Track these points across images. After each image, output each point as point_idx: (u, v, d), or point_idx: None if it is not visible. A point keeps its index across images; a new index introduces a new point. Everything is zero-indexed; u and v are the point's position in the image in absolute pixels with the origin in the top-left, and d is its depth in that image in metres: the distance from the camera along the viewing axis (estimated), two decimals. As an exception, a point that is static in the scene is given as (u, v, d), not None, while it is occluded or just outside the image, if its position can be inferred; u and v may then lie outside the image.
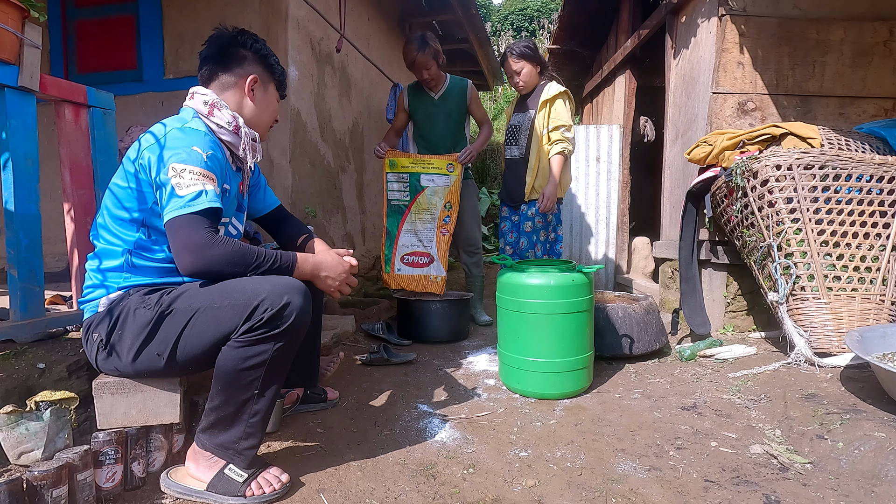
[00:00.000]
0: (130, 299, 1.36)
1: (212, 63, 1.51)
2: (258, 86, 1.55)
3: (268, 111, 1.60)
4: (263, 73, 1.56)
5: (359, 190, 4.59)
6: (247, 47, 1.53)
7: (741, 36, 2.85)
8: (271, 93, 1.60)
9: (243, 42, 1.52)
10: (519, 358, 2.07)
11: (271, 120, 1.64)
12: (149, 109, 3.36)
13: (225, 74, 1.51)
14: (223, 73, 1.51)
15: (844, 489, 1.35)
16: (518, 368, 2.08)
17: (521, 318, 2.06)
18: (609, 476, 1.46)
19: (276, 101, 1.63)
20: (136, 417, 1.40)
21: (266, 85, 1.58)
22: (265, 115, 1.60)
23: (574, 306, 2.02)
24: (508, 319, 2.12)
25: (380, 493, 1.38)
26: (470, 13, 5.36)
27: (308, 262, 1.46)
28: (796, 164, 2.16)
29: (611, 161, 4.43)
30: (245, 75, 1.52)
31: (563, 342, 2.02)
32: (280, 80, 1.62)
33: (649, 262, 4.31)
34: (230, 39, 1.52)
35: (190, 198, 1.28)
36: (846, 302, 2.13)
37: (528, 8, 19.02)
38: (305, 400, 1.92)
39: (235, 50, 1.51)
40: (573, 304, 2.02)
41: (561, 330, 2.01)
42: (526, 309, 2.04)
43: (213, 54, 1.51)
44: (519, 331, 2.07)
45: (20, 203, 1.48)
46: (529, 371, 2.05)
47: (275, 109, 1.63)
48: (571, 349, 2.04)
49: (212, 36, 1.53)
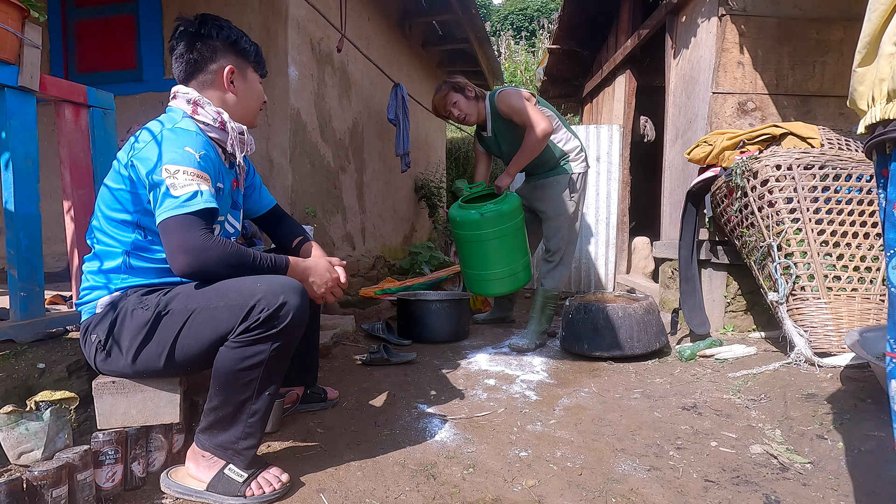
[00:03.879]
0: (128, 300, 1.36)
1: (184, 62, 1.47)
2: (237, 76, 1.51)
3: (252, 98, 1.57)
4: (237, 59, 1.51)
5: (359, 190, 4.59)
6: (213, 37, 1.47)
7: (741, 36, 2.85)
8: (252, 79, 1.56)
9: (209, 33, 1.47)
10: (482, 272, 2.89)
11: (258, 105, 1.60)
12: (149, 109, 3.36)
13: (201, 73, 1.47)
14: (198, 73, 1.47)
15: (844, 489, 1.35)
16: (482, 280, 2.91)
17: (480, 244, 2.81)
18: (609, 476, 1.46)
19: (258, 85, 1.59)
20: (136, 417, 1.40)
21: (244, 72, 1.54)
22: (251, 103, 1.57)
23: (515, 226, 2.81)
24: (470, 247, 2.86)
25: (380, 493, 1.38)
26: (470, 13, 5.36)
27: (299, 267, 1.46)
28: (796, 164, 2.16)
29: (611, 161, 4.43)
30: (220, 69, 1.48)
31: (511, 253, 2.84)
32: (257, 61, 1.57)
33: (649, 262, 4.31)
34: (195, 34, 1.46)
35: (185, 198, 1.27)
36: (846, 302, 2.13)
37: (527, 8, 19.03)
38: (305, 400, 1.92)
39: (203, 43, 1.46)
40: (515, 224, 2.81)
41: (509, 244, 2.82)
42: (483, 237, 2.79)
43: (183, 52, 1.46)
44: (480, 252, 2.83)
45: (20, 203, 1.48)
46: (491, 280, 2.89)
47: (259, 93, 1.60)
48: (518, 257, 2.87)
49: (177, 33, 1.47)
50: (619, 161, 4.43)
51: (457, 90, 2.93)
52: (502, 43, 15.40)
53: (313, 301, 1.53)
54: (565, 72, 6.35)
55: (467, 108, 2.94)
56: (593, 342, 2.58)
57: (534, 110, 2.75)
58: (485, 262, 2.86)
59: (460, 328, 3.07)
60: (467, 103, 2.94)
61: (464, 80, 2.98)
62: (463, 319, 3.09)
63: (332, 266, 1.56)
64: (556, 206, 2.96)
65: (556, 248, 2.97)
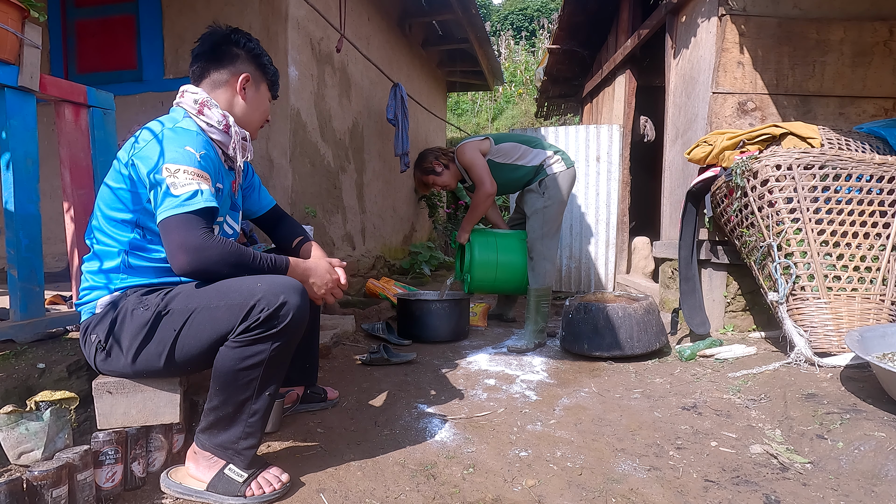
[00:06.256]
0: (128, 300, 1.36)
1: (203, 60, 1.50)
2: (250, 84, 1.54)
3: (259, 110, 1.59)
4: (256, 72, 1.55)
5: (359, 190, 4.59)
6: (240, 46, 1.52)
7: (741, 36, 2.85)
8: (263, 92, 1.59)
9: (236, 41, 1.51)
10: (487, 286, 3.21)
11: (262, 119, 1.62)
12: (149, 109, 3.36)
13: (216, 72, 1.50)
14: (214, 71, 1.50)
15: (844, 489, 1.35)
16: (489, 287, 3.22)
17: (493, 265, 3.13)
18: (609, 476, 1.46)
19: (267, 102, 1.62)
20: (136, 417, 1.40)
21: (258, 84, 1.57)
22: (256, 115, 1.59)
23: (519, 250, 3.14)
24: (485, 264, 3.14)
25: (380, 492, 1.38)
26: (470, 13, 5.36)
27: (299, 267, 1.47)
28: (796, 164, 2.16)
29: (611, 161, 4.43)
30: (237, 74, 1.51)
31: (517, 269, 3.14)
32: (272, 81, 1.61)
33: (649, 262, 4.31)
34: (223, 37, 1.51)
35: (185, 197, 1.27)
36: (846, 302, 2.13)
37: (527, 8, 19.04)
38: (305, 399, 1.92)
39: (228, 48, 1.51)
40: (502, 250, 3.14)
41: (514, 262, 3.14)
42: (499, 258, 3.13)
43: (206, 52, 1.50)
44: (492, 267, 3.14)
45: (20, 203, 1.48)
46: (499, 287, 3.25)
47: (266, 109, 1.62)
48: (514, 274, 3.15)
49: (205, 34, 1.52)
50: (619, 161, 4.43)
51: (427, 173, 3.17)
52: (502, 43, 15.41)
53: (313, 301, 1.53)
54: (565, 72, 6.35)
55: (445, 180, 3.18)
56: (593, 342, 2.58)
57: (482, 170, 2.98)
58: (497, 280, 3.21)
59: (460, 328, 3.07)
60: (442, 177, 3.16)
61: (430, 159, 3.14)
62: (463, 319, 3.10)
63: (333, 267, 1.56)
64: (531, 205, 3.07)
65: (532, 244, 3.04)
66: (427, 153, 3.18)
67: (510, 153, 3.04)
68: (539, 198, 3.02)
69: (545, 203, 3.01)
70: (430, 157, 3.15)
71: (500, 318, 3.65)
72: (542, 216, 3.01)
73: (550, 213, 3.00)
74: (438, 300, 3.04)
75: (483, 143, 3.04)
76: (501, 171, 3.04)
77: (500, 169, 3.03)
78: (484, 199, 2.99)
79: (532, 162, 3.05)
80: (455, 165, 3.14)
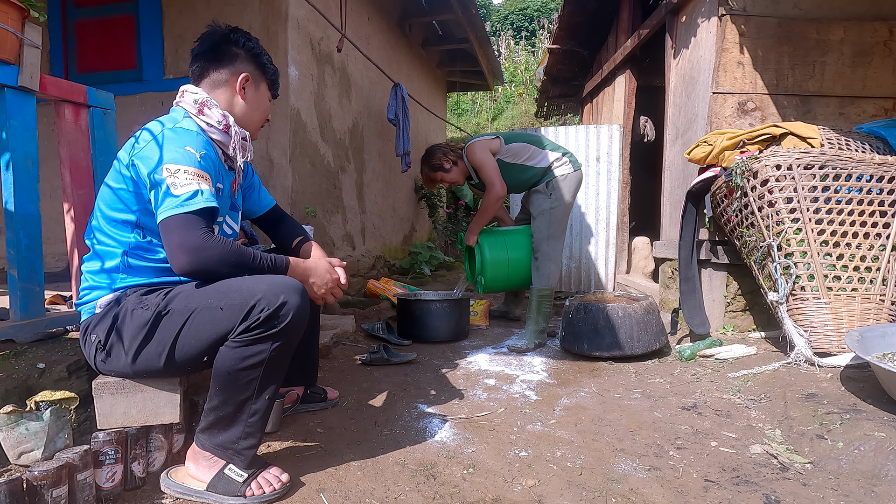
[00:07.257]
0: (128, 300, 1.36)
1: (203, 60, 1.50)
2: (250, 84, 1.54)
3: (259, 110, 1.59)
4: (255, 71, 1.55)
5: (359, 190, 4.59)
6: (239, 45, 1.52)
7: (741, 36, 2.85)
8: (263, 92, 1.59)
9: (236, 40, 1.51)
10: (500, 284, 3.22)
11: (262, 119, 1.62)
12: (149, 109, 3.36)
13: (216, 72, 1.50)
14: (214, 71, 1.50)
15: (844, 489, 1.35)
16: (501, 286, 3.24)
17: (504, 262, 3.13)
18: (609, 476, 1.46)
19: (267, 101, 1.62)
20: (136, 417, 1.40)
21: (258, 84, 1.57)
22: (256, 114, 1.59)
23: (526, 246, 3.13)
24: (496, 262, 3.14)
25: (380, 492, 1.38)
26: (470, 13, 5.36)
27: (300, 267, 1.47)
28: (796, 164, 2.16)
29: (611, 161, 4.42)
30: (237, 73, 1.51)
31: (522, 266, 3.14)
32: (272, 80, 1.61)
33: (649, 262, 4.31)
34: (223, 37, 1.50)
35: (186, 197, 1.27)
36: (846, 302, 2.13)
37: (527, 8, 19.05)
38: (305, 399, 1.92)
39: (228, 48, 1.50)
40: (527, 245, 3.13)
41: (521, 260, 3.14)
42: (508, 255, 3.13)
43: (205, 51, 1.50)
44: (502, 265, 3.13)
45: (20, 203, 1.48)
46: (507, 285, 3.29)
47: (266, 109, 1.62)
48: (525, 270, 3.14)
49: (204, 33, 1.52)
50: (619, 161, 4.43)
51: (435, 169, 3.14)
52: (502, 43, 15.41)
53: (313, 301, 1.53)
54: (565, 72, 6.35)
55: (453, 177, 3.15)
56: (593, 342, 2.58)
57: (492, 172, 2.94)
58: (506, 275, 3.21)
59: (460, 328, 3.07)
60: (450, 174, 3.14)
61: (438, 155, 3.11)
62: (463, 319, 3.10)
63: (333, 267, 1.56)
64: (537, 206, 3.06)
65: (538, 245, 3.04)
66: (435, 149, 3.16)
67: (520, 153, 3.02)
68: (546, 199, 3.01)
69: (552, 204, 3.00)
70: (438, 154, 3.13)
71: (505, 316, 3.65)
72: (549, 217, 3.00)
73: (557, 215, 3.00)
74: (438, 300, 3.04)
75: (493, 143, 3.02)
76: (511, 171, 3.02)
77: (509, 169, 3.01)
78: (494, 202, 2.96)
79: (541, 163, 3.04)
80: (463, 162, 3.12)
